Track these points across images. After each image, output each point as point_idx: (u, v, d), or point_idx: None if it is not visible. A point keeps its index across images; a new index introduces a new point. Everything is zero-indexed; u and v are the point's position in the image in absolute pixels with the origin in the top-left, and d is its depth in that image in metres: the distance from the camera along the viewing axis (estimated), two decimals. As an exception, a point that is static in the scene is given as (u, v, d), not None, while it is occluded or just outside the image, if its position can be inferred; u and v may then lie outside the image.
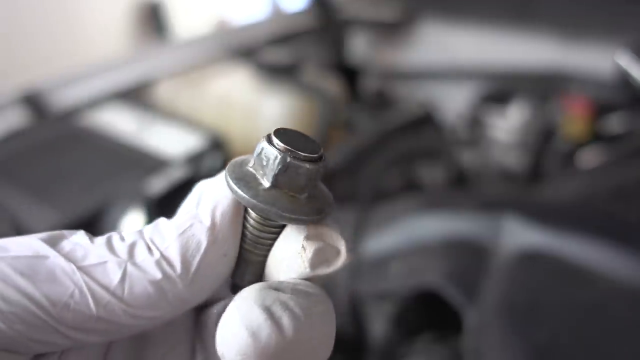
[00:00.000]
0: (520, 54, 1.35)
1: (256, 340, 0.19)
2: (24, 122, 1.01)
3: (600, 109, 1.20)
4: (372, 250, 0.75)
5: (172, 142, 0.94)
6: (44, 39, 2.56)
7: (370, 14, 1.58)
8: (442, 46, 1.50)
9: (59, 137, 0.95)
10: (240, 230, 0.23)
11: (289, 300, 0.20)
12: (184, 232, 0.21)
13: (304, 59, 1.25)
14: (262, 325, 0.19)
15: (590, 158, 1.13)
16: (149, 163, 0.88)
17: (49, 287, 0.20)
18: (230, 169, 0.23)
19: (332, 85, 1.23)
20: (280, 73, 1.14)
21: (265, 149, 0.22)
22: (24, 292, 0.19)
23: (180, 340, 0.25)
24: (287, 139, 0.22)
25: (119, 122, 1.00)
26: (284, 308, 0.20)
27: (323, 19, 1.53)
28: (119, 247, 0.21)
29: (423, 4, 1.52)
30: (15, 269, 0.20)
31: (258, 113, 1.10)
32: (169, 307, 0.21)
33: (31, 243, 0.21)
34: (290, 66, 1.16)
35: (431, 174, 1.11)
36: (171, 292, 0.21)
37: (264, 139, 0.23)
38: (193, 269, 0.21)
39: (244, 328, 0.19)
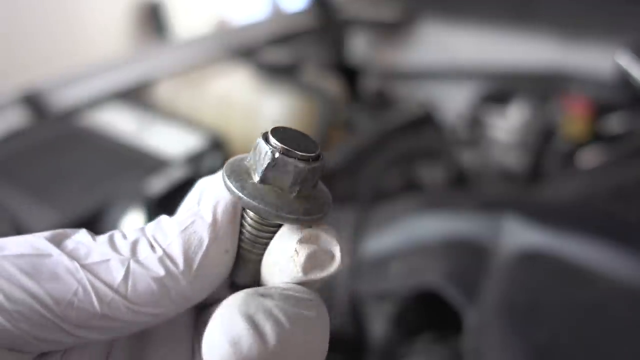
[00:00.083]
0: (520, 54, 1.35)
1: (237, 350, 0.19)
2: (24, 122, 1.01)
3: (600, 109, 1.20)
4: (372, 250, 0.75)
5: (172, 142, 0.94)
6: (44, 39, 2.56)
7: (370, 14, 1.58)
8: (442, 46, 1.50)
9: (59, 137, 0.95)
10: (239, 227, 0.23)
11: (274, 307, 0.20)
12: (185, 229, 0.21)
13: (304, 59, 1.25)
14: (244, 335, 0.19)
15: (590, 158, 1.13)
16: (149, 163, 0.88)
17: (52, 286, 0.20)
18: (228, 163, 0.24)
19: (332, 85, 1.23)
20: (280, 73, 1.14)
21: (259, 144, 0.22)
22: (28, 291, 0.20)
23: (180, 340, 0.25)
24: (284, 136, 0.22)
25: (119, 122, 1.00)
26: (268, 316, 0.19)
27: (323, 19, 1.53)
28: (122, 245, 0.21)
29: (423, 4, 1.52)
30: (18, 267, 0.20)
31: (258, 113, 1.10)
32: (172, 304, 0.21)
33: (34, 241, 0.21)
34: (290, 66, 1.16)
35: (431, 174, 1.11)
36: (174, 289, 0.21)
37: (261, 135, 0.23)
38: (195, 266, 0.21)
39: (225, 337, 0.19)
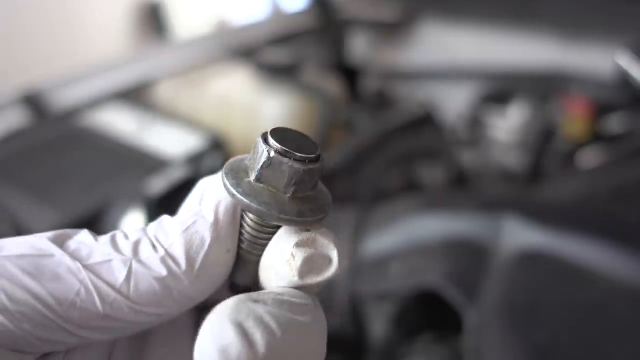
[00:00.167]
0: (520, 54, 1.35)
1: (226, 357, 0.19)
2: (24, 122, 1.01)
3: (600, 109, 1.20)
4: (372, 250, 0.75)
5: (172, 142, 0.94)
6: (44, 39, 2.56)
7: (370, 14, 1.58)
8: (442, 46, 1.50)
9: (59, 137, 0.95)
10: (239, 227, 0.23)
11: (265, 314, 0.20)
12: (187, 229, 0.21)
13: (304, 59, 1.25)
14: (232, 342, 0.19)
15: (590, 158, 1.13)
16: (149, 163, 0.88)
17: (54, 286, 0.20)
18: (228, 162, 0.24)
19: (332, 85, 1.23)
20: (280, 73, 1.14)
21: (258, 143, 0.22)
22: (30, 291, 0.20)
23: (181, 340, 0.25)
24: (283, 137, 0.22)
25: (119, 122, 1.00)
26: (258, 324, 0.19)
27: (323, 19, 1.53)
28: (123, 245, 0.21)
29: (423, 4, 1.52)
30: (20, 268, 0.20)
31: (258, 113, 1.10)
32: (175, 304, 0.21)
33: (36, 242, 0.21)
34: (290, 66, 1.16)
35: (431, 174, 1.11)
36: (176, 289, 0.21)
37: (261, 135, 0.23)
38: (197, 265, 0.21)
39: (215, 345, 0.19)
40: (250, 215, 0.23)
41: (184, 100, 1.17)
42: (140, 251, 0.21)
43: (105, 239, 0.22)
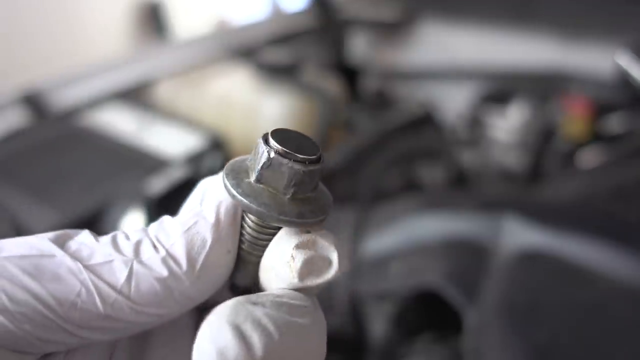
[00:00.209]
0: (520, 54, 1.35)
1: (224, 359, 0.19)
2: (24, 122, 1.01)
3: (600, 109, 1.20)
4: (372, 250, 0.75)
5: (172, 142, 0.94)
6: (44, 39, 2.56)
7: (370, 14, 1.58)
8: (442, 46, 1.50)
9: (59, 137, 0.95)
10: (240, 228, 0.23)
11: (263, 317, 0.20)
12: (188, 230, 0.21)
13: (304, 59, 1.25)
14: (230, 345, 0.19)
15: (590, 158, 1.13)
16: (149, 163, 0.88)
17: (55, 287, 0.20)
18: (229, 163, 0.24)
19: (332, 85, 1.23)
20: (280, 73, 1.14)
21: (259, 144, 0.22)
22: (30, 292, 0.20)
23: (182, 340, 0.25)
24: (284, 138, 0.22)
25: (119, 122, 1.00)
26: (256, 326, 0.19)
27: (323, 19, 1.52)
28: (125, 246, 0.21)
29: (423, 4, 1.52)
30: (21, 268, 0.20)
31: (258, 113, 1.10)
32: (176, 305, 0.21)
33: (37, 242, 0.21)
34: (290, 66, 1.16)
35: (431, 174, 1.11)
36: (178, 290, 0.21)
37: (262, 136, 0.23)
38: (199, 266, 0.21)
39: (213, 347, 0.19)
40: (251, 217, 0.23)
41: (184, 100, 1.17)
42: (142, 252, 0.21)
43: (106, 239, 0.22)
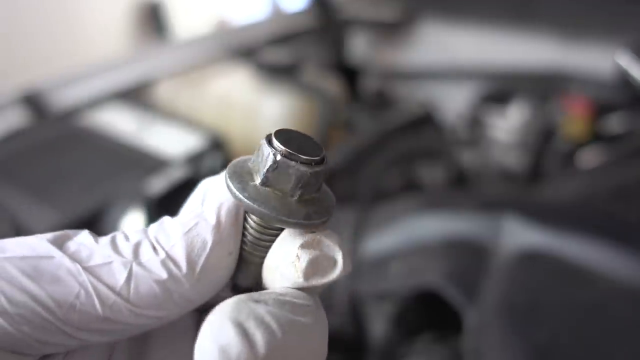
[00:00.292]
0: (520, 54, 1.35)
1: (226, 357, 0.19)
2: (24, 122, 1.01)
3: (600, 109, 1.20)
4: (372, 250, 0.75)
5: (172, 142, 0.94)
6: (44, 39, 2.56)
7: (370, 14, 1.58)
8: (442, 46, 1.50)
9: (59, 137, 0.95)
10: (242, 229, 0.23)
11: (266, 314, 0.20)
12: (189, 231, 0.21)
13: (304, 59, 1.25)
14: (233, 342, 0.19)
15: (590, 158, 1.13)
16: (149, 163, 0.88)
17: (54, 288, 0.20)
18: (231, 164, 0.23)
19: (332, 85, 1.23)
20: (280, 73, 1.14)
21: (263, 146, 0.22)
22: (29, 294, 0.19)
23: (182, 342, 0.25)
24: (287, 139, 0.22)
25: (119, 122, 1.00)
26: (259, 324, 0.19)
27: (323, 19, 1.52)
28: (124, 247, 0.21)
29: (423, 4, 1.52)
30: (20, 269, 0.20)
31: (258, 113, 1.10)
32: (175, 307, 0.21)
33: (36, 243, 0.21)
34: (290, 66, 1.16)
35: (431, 174, 1.11)
36: (177, 292, 0.21)
37: (265, 137, 0.22)
38: (199, 269, 0.21)
39: (215, 344, 0.19)
40: (254, 218, 0.23)
41: (184, 100, 1.17)
42: (141, 253, 0.21)
43: (105, 240, 0.21)
